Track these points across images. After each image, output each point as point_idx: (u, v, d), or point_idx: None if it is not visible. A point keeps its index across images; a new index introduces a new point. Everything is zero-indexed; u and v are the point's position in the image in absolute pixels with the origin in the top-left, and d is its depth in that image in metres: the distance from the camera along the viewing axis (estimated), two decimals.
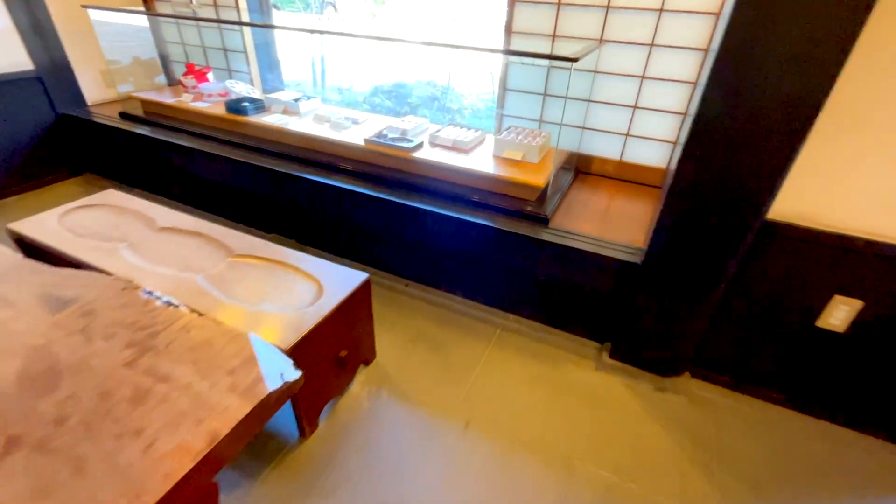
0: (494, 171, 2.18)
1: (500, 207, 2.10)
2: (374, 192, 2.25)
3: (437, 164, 2.26)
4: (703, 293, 1.64)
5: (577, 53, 1.70)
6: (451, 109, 5.33)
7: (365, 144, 2.40)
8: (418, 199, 2.20)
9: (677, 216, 1.54)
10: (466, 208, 2.14)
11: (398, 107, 5.44)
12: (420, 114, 5.35)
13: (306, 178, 2.39)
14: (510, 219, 2.07)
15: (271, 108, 2.91)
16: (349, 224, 2.49)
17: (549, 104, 2.53)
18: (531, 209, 2.07)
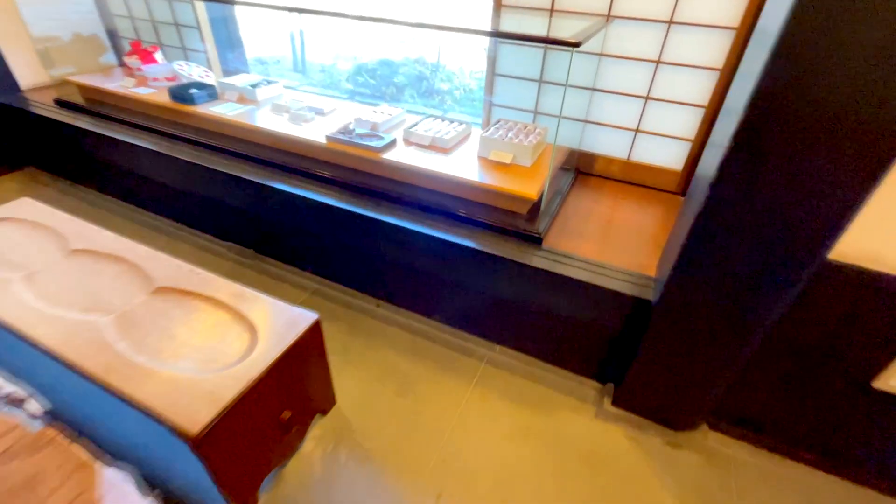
0: (478, 177, 1.81)
1: (483, 223, 1.75)
2: (334, 200, 1.90)
3: (410, 167, 1.90)
4: (737, 342, 1.31)
5: (580, 35, 1.33)
6: (441, 90, 4.89)
7: (326, 142, 2.03)
8: (387, 209, 1.85)
9: (709, 245, 1.19)
10: (444, 223, 1.79)
11: (383, 86, 5.00)
12: (407, 95, 4.93)
13: (256, 181, 2.03)
14: (496, 237, 1.72)
15: (225, 95, 2.51)
16: (309, 234, 2.14)
17: (546, 92, 2.15)
18: (521, 225, 1.73)
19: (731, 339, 1.31)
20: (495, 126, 2.05)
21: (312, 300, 2.17)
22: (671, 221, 1.91)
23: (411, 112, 2.46)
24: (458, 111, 4.77)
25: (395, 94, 5.05)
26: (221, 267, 2.35)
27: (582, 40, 1.28)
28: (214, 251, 2.46)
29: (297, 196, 1.95)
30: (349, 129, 2.07)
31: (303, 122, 2.22)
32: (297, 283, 2.27)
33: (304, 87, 5.37)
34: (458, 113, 4.76)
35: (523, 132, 2.01)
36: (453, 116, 2.30)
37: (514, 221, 1.75)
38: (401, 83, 4.96)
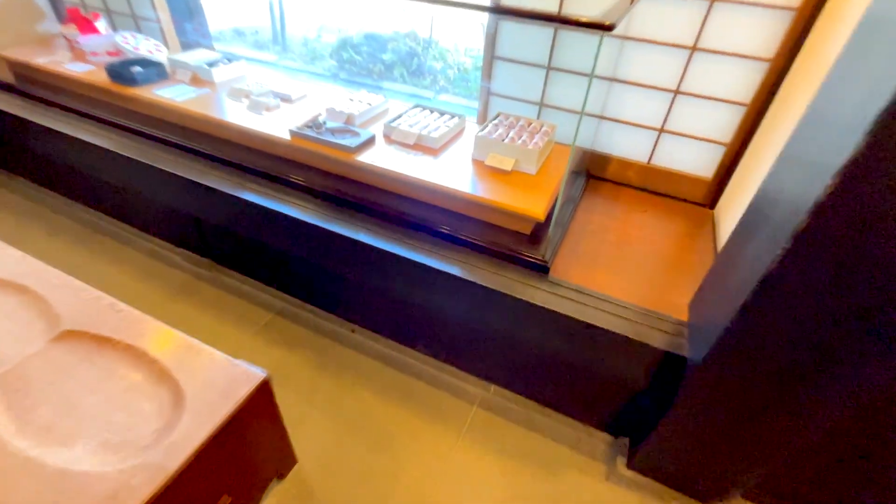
0: (472, 188, 1.49)
1: (477, 244, 1.44)
2: (297, 210, 1.57)
3: (389, 173, 1.56)
4: (803, 423, 1.04)
5: (611, 15, 0.99)
6: (433, 69, 4.48)
7: (290, 138, 1.69)
8: (361, 224, 1.52)
9: (792, 296, 0.89)
10: (428, 243, 1.47)
11: (370, 63, 4.57)
12: (396, 73, 4.52)
13: (204, 184, 1.69)
14: (491, 263, 1.41)
15: (176, 75, 2.13)
16: (272, 247, 1.82)
17: (556, 82, 1.81)
18: (523, 249, 1.42)
19: (797, 417, 1.03)
20: (494, 122, 1.71)
21: (275, 323, 1.86)
22: (699, 240, 1.61)
23: (397, 98, 2.11)
24: (452, 93, 4.39)
25: (382, 73, 4.63)
26: (173, 280, 2.02)
27: (615, 22, 0.95)
28: (167, 259, 2.13)
29: (252, 204, 1.62)
30: (318, 122, 1.72)
31: (264, 110, 1.86)
32: (259, 300, 1.95)
33: (284, 63, 4.92)
34: (452, 95, 4.38)
35: (527, 130, 1.67)
36: (446, 101, 1.98)
37: (514, 244, 1.44)
38: (389, 60, 4.53)
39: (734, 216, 1.53)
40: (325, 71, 4.77)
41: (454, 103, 4.12)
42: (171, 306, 1.91)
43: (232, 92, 1.98)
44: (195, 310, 1.90)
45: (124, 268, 2.08)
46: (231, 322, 1.86)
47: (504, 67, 1.87)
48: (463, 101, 4.26)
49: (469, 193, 1.46)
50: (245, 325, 1.85)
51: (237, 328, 1.84)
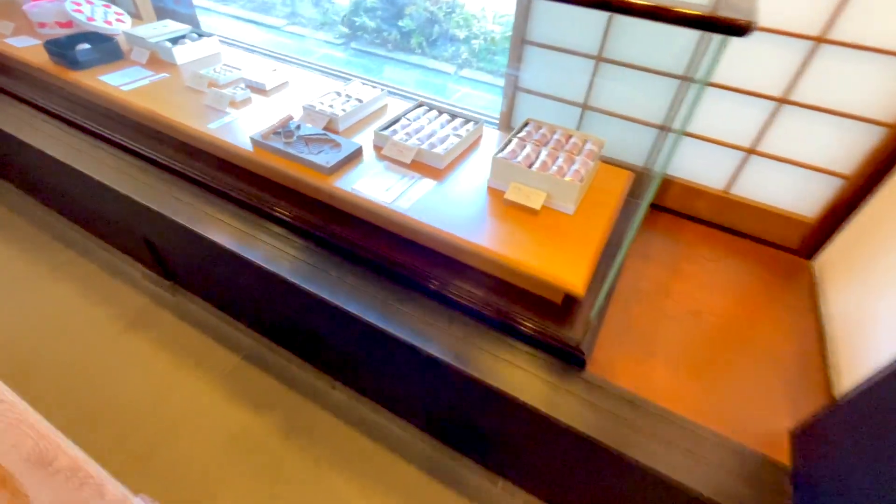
0: (483, 234, 1.08)
1: (484, 315, 1.05)
2: (257, 253, 1.20)
3: (373, 207, 1.15)
4: None
5: (741, 9, 0.54)
6: (456, 38, 3.93)
7: (252, 149, 1.29)
8: (337, 272, 1.15)
9: None
10: (422, 308, 1.09)
11: (385, 31, 4.05)
12: (414, 43, 3.97)
13: (142, 203, 1.33)
14: (503, 346, 1.03)
15: (131, 54, 1.74)
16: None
17: (607, 75, 1.35)
18: (550, 329, 1.02)
19: None
20: (520, 136, 1.27)
21: (242, 370, 1.53)
22: (795, 309, 1.17)
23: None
24: (476, 67, 3.84)
25: (398, 42, 4.09)
26: (130, 305, 1.71)
27: (753, 20, 0.50)
28: (127, 277, 1.81)
29: (206, 239, 1.25)
30: (289, 127, 1.32)
31: (228, 105, 1.47)
32: (226, 337, 1.62)
33: (290, 28, 4.46)
34: (476, 70, 3.85)
35: (565, 148, 1.23)
36: (469, 78, 1.53)
37: (536, 317, 1.04)
38: (406, 28, 3.99)
39: (853, 277, 1.08)
40: (336, 39, 4.29)
41: (479, 81, 3.62)
42: (124, 342, 1.60)
43: (193, 78, 1.58)
44: (150, 347, 1.59)
45: (80, 286, 1.77)
46: (190, 366, 1.55)
47: (537, 55, 1.41)
48: (488, 78, 3.75)
49: (477, 244, 1.05)
50: (206, 371, 1.53)
51: (197, 374, 1.52)
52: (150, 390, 1.48)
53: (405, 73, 3.69)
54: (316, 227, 1.23)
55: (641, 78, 1.30)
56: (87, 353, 1.57)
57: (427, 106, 1.48)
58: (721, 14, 0.48)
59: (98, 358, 1.57)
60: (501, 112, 1.57)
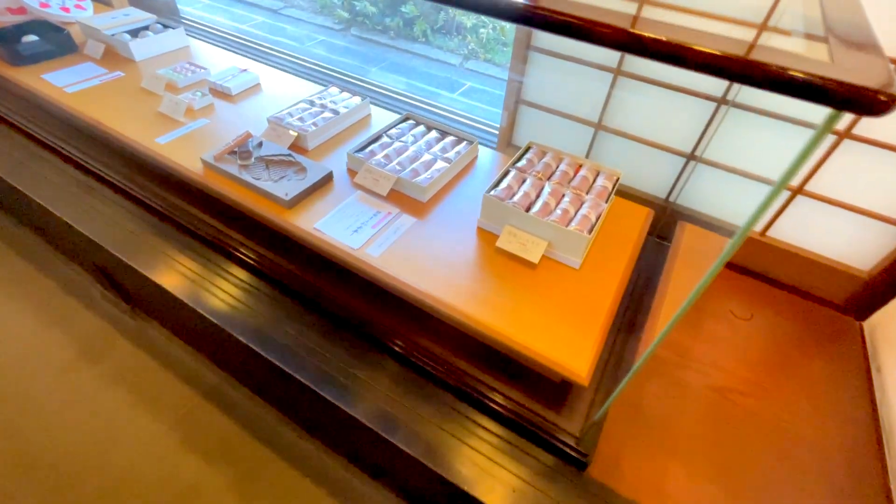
0: (466, 299, 0.88)
1: (468, 396, 0.87)
2: (194, 297, 1.02)
3: (340, 256, 0.96)
4: None
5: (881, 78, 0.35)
6: (463, 27, 3.67)
7: (203, 172, 1.10)
8: (293, 333, 0.97)
9: None
10: (388, 380, 0.91)
11: (387, 17, 3.79)
12: (417, 31, 3.67)
13: (87, 236, 1.15)
14: (490, 439, 0.84)
15: (85, 47, 1.54)
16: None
17: (626, 91, 1.13)
18: (543, 417, 0.83)
19: None
20: (518, 168, 1.06)
21: (200, 412, 1.37)
22: (848, 387, 0.97)
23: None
24: (483, 59, 3.56)
25: (400, 30, 3.81)
26: (85, 329, 1.54)
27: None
28: (84, 295, 1.64)
29: (142, 276, 1.07)
30: (247, 146, 1.12)
31: (184, 114, 1.27)
32: (188, 371, 1.45)
33: (287, 12, 4.20)
34: (482, 62, 3.57)
35: (572, 185, 1.02)
36: (475, 70, 1.32)
37: (530, 402, 0.86)
38: (410, 14, 3.72)
39: None
40: (335, 24, 4.04)
41: (486, 74, 3.35)
42: (74, 372, 1.44)
43: (150, 79, 1.38)
44: (104, 379, 1.43)
45: (31, 305, 1.61)
46: (144, 405, 1.38)
47: (545, 63, 1.19)
48: (495, 70, 3.49)
49: (456, 307, 0.86)
50: (162, 412, 1.37)
51: (152, 415, 1.36)
52: (97, 434, 1.32)
53: (407, 62, 3.45)
54: (275, 271, 1.05)
55: (667, 97, 1.08)
56: (33, 383, 1.42)
57: (414, 120, 1.28)
58: (860, 83, 0.28)
59: (44, 389, 1.41)
60: (501, 128, 1.36)
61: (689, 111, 1.07)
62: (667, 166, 1.17)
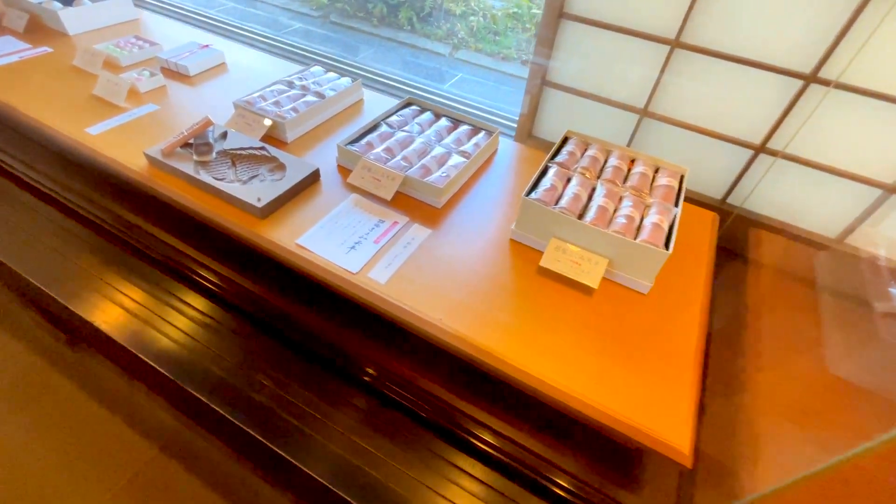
0: (503, 339, 0.66)
1: (511, 471, 0.64)
2: (137, 339, 0.77)
3: (334, 282, 0.72)
4: None
5: None
6: (451, 14, 3.43)
7: (147, 168, 0.84)
8: (268, 387, 0.72)
9: None
10: (405, 453, 0.68)
11: (370, 3, 3.51)
12: (403, 19, 3.40)
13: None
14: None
15: (3, 19, 1.25)
16: None
17: (683, 67, 0.92)
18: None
19: None
20: (558, 164, 0.83)
21: (157, 469, 1.10)
22: None
23: (377, 79, 1.24)
24: (473, 49, 3.33)
25: (384, 17, 3.55)
26: (14, 364, 1.25)
27: None
28: (15, 322, 1.35)
29: (68, 310, 0.81)
30: (206, 137, 0.86)
31: (125, 97, 1.00)
32: (141, 417, 1.19)
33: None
34: (473, 52, 3.34)
35: (629, 182, 0.80)
36: (465, 61, 1.08)
37: (592, 474, 0.64)
38: (394, 1, 3.45)
39: None
40: (313, 10, 3.75)
41: (477, 65, 3.12)
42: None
43: (84, 56, 1.10)
44: (28, 435, 1.15)
45: None
46: (85, 463, 1.11)
47: (579, 35, 0.97)
48: (487, 60, 3.27)
49: (493, 352, 0.63)
50: (107, 472, 1.09)
51: (93, 478, 1.09)
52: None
53: (393, 52, 3.20)
54: (244, 298, 0.80)
55: (735, 75, 0.88)
56: None
57: (418, 106, 1.04)
58: None
59: None
60: (521, 115, 1.14)
61: (762, 93, 0.87)
62: (726, 160, 0.97)
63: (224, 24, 1.67)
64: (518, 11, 3.35)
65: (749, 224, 0.96)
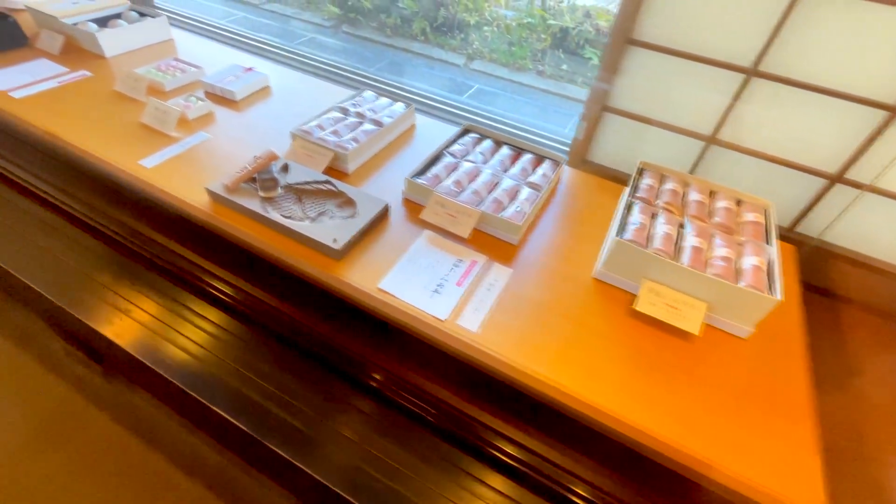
0: (602, 389, 0.63)
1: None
2: (198, 383, 0.73)
3: (418, 328, 0.69)
4: None
5: None
6: (465, 24, 3.41)
7: (210, 206, 0.81)
8: (351, 430, 0.69)
9: None
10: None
11: (382, 14, 3.49)
12: (416, 29, 3.35)
13: (20, 279, 0.84)
14: None
15: (38, 40, 1.21)
16: None
17: (757, 95, 0.89)
18: None
19: None
20: (640, 198, 0.80)
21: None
22: None
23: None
24: (488, 59, 3.30)
25: (398, 27, 3.51)
26: (47, 397, 1.20)
27: None
28: (44, 350, 1.30)
29: (114, 345, 0.78)
30: (271, 171, 0.83)
31: (175, 126, 0.96)
32: (184, 452, 1.14)
33: (270, 6, 3.85)
34: (488, 63, 3.31)
35: (714, 218, 0.78)
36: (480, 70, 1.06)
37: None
38: (407, 11, 3.42)
39: None
40: (325, 21, 3.71)
41: (494, 77, 3.08)
42: (27, 466, 1.11)
43: (127, 81, 1.06)
44: (70, 476, 1.10)
45: None
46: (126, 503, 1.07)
47: (647, 61, 0.94)
48: (502, 71, 3.23)
49: (590, 399, 0.60)
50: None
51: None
52: None
53: (407, 62, 3.17)
54: (308, 341, 0.76)
55: (812, 104, 0.85)
56: None
57: (477, 133, 1.01)
58: None
59: None
60: (575, 140, 1.11)
61: (841, 122, 0.85)
62: (796, 189, 0.95)
63: (256, 42, 1.63)
64: (532, 22, 3.33)
65: (827, 256, 0.94)
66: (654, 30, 0.91)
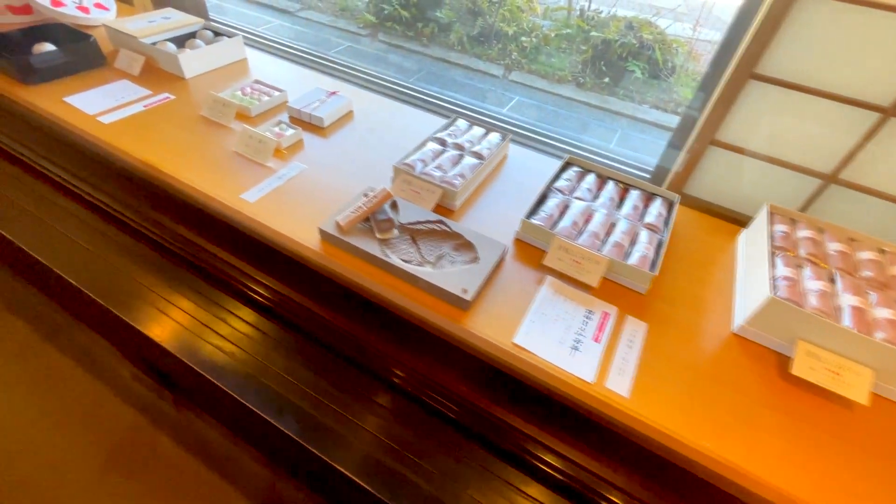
0: (789, 479, 0.58)
1: None
2: (311, 436, 0.70)
3: (563, 385, 0.64)
4: None
5: None
6: (502, 34, 3.35)
7: (321, 249, 0.77)
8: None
9: None
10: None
11: (419, 22, 3.45)
12: (453, 38, 3.26)
13: (126, 321, 0.82)
14: None
15: (116, 59, 1.19)
16: None
17: (888, 136, 0.84)
18: None
19: None
20: (780, 248, 0.75)
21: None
22: None
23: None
24: (526, 71, 3.22)
25: (434, 36, 3.47)
26: (116, 426, 1.18)
27: None
28: (114, 381, 1.28)
29: (218, 388, 0.74)
30: (385, 212, 0.79)
31: (271, 155, 0.93)
32: (254, 481, 1.11)
33: (304, 13, 3.83)
34: (526, 74, 3.24)
35: (860, 271, 0.73)
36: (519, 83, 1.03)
37: None
38: (444, 19, 3.38)
39: None
40: (360, 29, 3.68)
41: (532, 87, 3.01)
42: (101, 489, 1.08)
43: (214, 106, 1.03)
44: (135, 498, 1.08)
45: (54, 401, 1.24)
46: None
47: (767, 96, 0.90)
48: (541, 83, 3.17)
49: (751, 472, 0.55)
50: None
51: None
52: None
53: (444, 73, 3.13)
54: (441, 397, 0.72)
55: None
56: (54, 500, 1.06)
57: (579, 167, 0.97)
58: None
59: None
60: (675, 173, 1.06)
61: None
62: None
63: (322, 59, 1.61)
64: (570, 33, 3.27)
65: None
66: (782, 63, 0.86)
